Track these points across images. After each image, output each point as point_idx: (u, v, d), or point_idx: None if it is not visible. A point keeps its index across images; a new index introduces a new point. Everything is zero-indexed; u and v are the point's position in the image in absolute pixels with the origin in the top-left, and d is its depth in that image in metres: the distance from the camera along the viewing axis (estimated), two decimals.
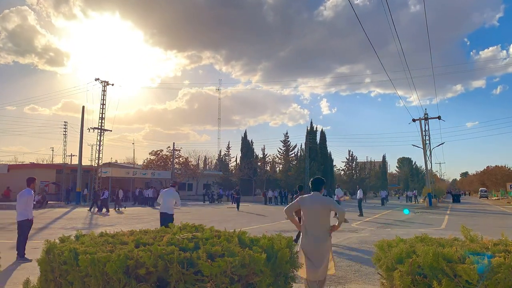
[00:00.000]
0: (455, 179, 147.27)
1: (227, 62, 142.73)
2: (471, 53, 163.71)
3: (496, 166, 72.70)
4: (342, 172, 68.62)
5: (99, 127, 35.42)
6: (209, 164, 67.98)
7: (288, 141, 56.44)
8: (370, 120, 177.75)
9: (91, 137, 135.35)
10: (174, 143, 49.64)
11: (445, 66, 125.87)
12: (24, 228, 8.38)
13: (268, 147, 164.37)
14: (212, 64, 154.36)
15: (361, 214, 20.98)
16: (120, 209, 26.65)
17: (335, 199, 21.55)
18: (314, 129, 57.37)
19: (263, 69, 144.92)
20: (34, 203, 27.85)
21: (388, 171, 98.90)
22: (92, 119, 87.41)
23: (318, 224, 4.36)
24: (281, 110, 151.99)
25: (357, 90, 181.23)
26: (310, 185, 4.72)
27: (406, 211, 27.05)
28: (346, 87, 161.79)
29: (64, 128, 51.30)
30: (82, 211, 23.88)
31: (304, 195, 4.69)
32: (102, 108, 35.90)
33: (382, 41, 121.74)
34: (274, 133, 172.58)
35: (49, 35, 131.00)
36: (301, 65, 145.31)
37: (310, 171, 50.43)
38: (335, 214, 4.77)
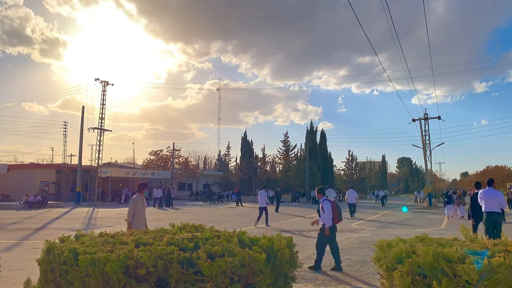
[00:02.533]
0: (455, 179, 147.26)
1: (236, 54, 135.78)
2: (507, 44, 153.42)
3: (496, 166, 72.78)
4: (342, 172, 68.66)
5: (99, 127, 35.42)
6: (209, 164, 68.00)
7: (288, 141, 56.56)
8: (383, 117, 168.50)
9: (91, 137, 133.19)
10: (174, 143, 49.67)
11: (478, 61, 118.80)
12: None
13: (268, 147, 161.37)
14: (219, 57, 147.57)
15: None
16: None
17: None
18: (314, 129, 57.42)
19: (274, 61, 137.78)
20: (35, 202, 27.90)
21: (388, 171, 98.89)
22: (93, 117, 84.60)
23: None
24: (291, 107, 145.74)
25: (373, 86, 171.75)
26: None
27: (404, 209, 27.30)
28: (361, 83, 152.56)
29: (64, 128, 51.31)
30: (81, 211, 23.87)
31: None
32: (102, 108, 35.89)
33: (410, 27, 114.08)
34: (283, 131, 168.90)
35: (43, 22, 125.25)
36: (317, 54, 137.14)
37: (310, 171, 50.44)
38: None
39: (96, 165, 35.85)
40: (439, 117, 35.86)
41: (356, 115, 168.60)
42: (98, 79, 36.14)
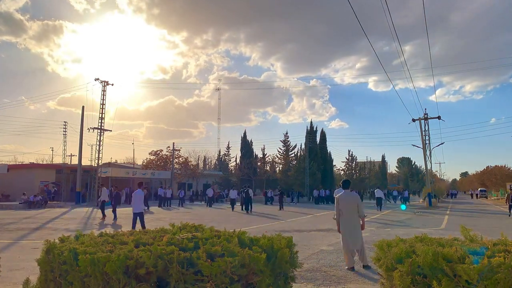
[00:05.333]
0: (455, 179, 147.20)
1: (247, 44, 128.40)
2: None
3: (496, 166, 72.83)
4: (342, 172, 68.65)
5: (99, 127, 35.41)
6: (209, 164, 67.99)
7: (288, 141, 56.57)
8: (394, 115, 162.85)
9: (91, 137, 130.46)
10: (174, 143, 49.70)
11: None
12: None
13: (268, 147, 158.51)
14: (228, 49, 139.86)
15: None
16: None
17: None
18: (314, 129, 57.42)
19: (288, 51, 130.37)
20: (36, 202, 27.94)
21: (388, 171, 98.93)
22: (93, 115, 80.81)
23: None
24: (303, 103, 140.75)
25: (394, 81, 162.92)
26: None
27: (403, 207, 27.66)
28: (378, 78, 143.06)
29: (63, 128, 51.33)
30: (80, 211, 23.87)
31: None
32: (102, 108, 35.90)
33: (447, 10, 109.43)
34: (293, 128, 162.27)
35: (33, 8, 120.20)
36: (336, 43, 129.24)
37: (310, 171, 50.43)
38: None
39: (96, 165, 35.85)
40: (439, 117, 35.85)
41: (371, 113, 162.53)
42: (98, 79, 36.13)
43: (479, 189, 72.91)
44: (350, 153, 67.01)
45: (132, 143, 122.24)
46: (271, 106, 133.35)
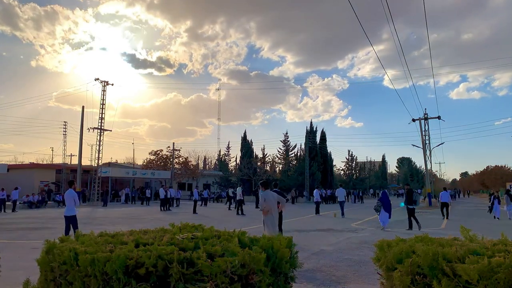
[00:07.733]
0: (455, 179, 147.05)
1: (259, 36, 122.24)
2: None
3: (496, 166, 73.00)
4: (342, 172, 68.68)
5: (99, 127, 35.41)
6: (209, 164, 68.03)
7: (288, 141, 56.62)
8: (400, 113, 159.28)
9: (91, 136, 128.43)
10: (174, 143, 49.72)
11: None
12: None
13: (273, 147, 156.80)
14: (235, 42, 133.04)
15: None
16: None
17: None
18: (314, 129, 57.44)
19: (300, 43, 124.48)
20: (35, 202, 27.98)
21: (388, 171, 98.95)
22: (93, 112, 76.84)
23: None
24: (314, 99, 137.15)
25: (413, 75, 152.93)
26: None
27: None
28: (395, 74, 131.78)
29: (63, 128, 51.30)
30: (80, 211, 23.87)
31: None
32: (102, 108, 35.91)
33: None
34: (301, 126, 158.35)
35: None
36: (353, 32, 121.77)
37: (310, 171, 50.44)
38: None
39: (96, 165, 35.86)
40: (438, 117, 35.87)
41: (383, 111, 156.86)
42: (98, 79, 36.17)
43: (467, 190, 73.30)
44: (350, 153, 67.10)
45: (132, 143, 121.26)
46: (281, 103, 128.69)
